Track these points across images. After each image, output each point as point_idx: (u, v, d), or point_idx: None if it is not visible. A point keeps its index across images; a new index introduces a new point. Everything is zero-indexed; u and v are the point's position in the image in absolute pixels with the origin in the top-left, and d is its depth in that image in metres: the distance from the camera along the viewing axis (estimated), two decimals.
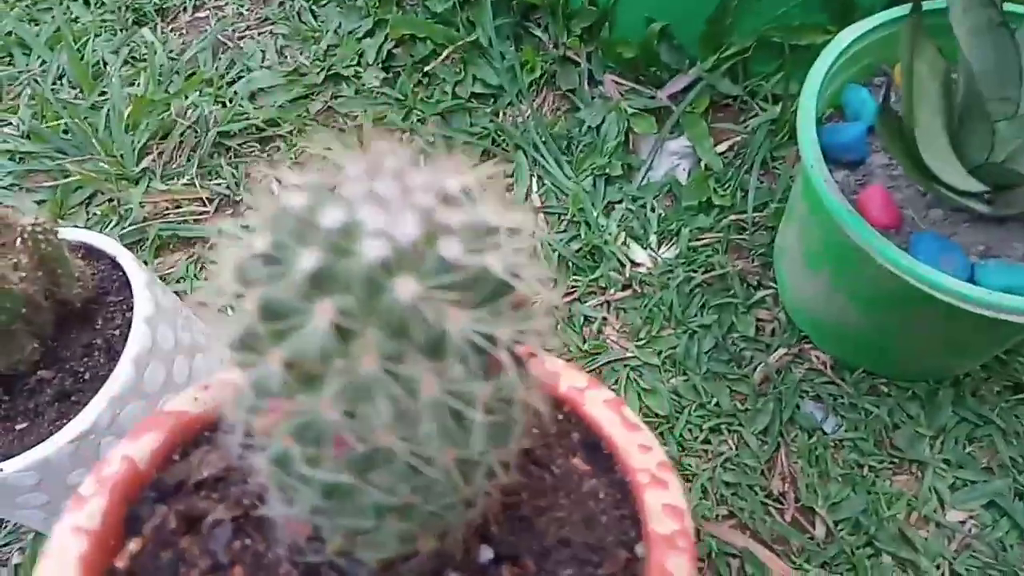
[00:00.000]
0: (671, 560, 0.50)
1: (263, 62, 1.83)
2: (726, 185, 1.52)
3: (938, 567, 1.14)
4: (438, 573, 0.48)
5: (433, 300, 0.31)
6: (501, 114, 1.67)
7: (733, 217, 1.48)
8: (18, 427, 1.01)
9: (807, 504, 1.21)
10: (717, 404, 1.30)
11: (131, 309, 1.09)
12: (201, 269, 1.58)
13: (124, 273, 1.14)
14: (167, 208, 1.66)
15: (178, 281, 1.55)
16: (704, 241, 1.46)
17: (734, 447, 1.27)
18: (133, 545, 0.52)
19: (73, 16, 1.95)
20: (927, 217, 1.07)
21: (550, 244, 1.47)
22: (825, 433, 1.27)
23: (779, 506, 1.21)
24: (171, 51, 1.87)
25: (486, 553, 0.50)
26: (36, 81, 1.82)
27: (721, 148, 1.57)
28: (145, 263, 1.54)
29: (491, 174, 0.35)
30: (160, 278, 1.53)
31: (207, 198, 1.67)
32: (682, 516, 0.53)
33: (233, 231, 0.35)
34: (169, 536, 0.52)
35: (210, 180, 1.69)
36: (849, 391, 1.29)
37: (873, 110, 1.13)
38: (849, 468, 1.23)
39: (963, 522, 1.18)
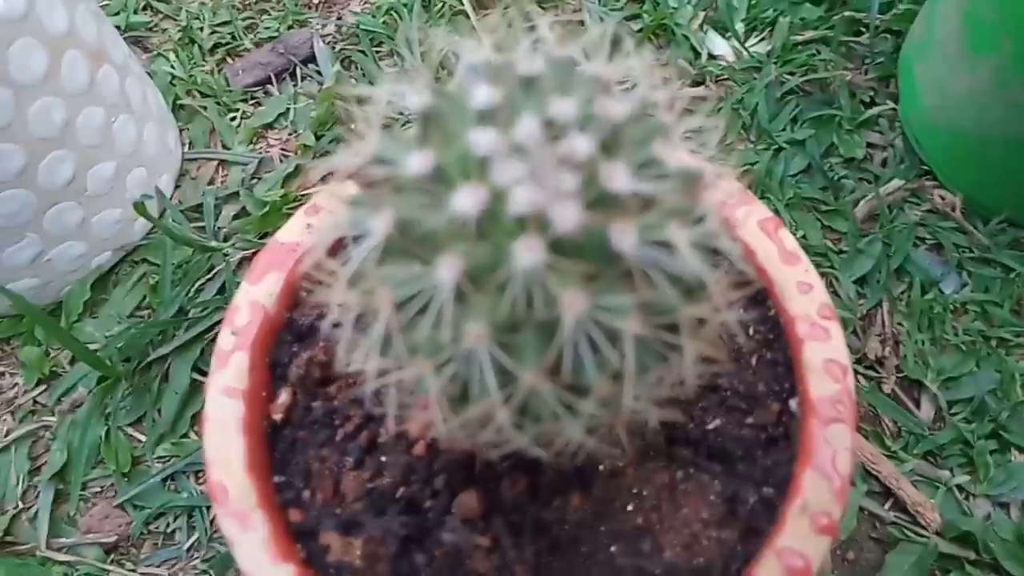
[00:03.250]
0: (831, 429, 0.48)
1: None
2: None
3: None
4: None
5: None
6: None
7: (848, 14, 1.16)
8: None
9: (912, 376, 0.93)
10: (804, 238, 1.01)
11: None
12: (145, 7, 1.27)
13: None
14: None
15: (112, 14, 1.24)
16: (807, 37, 1.15)
17: None
18: (284, 396, 0.53)
19: None
20: None
21: (601, 20, 1.16)
22: (943, 292, 0.98)
23: (875, 375, 0.94)
24: None
25: None
26: None
27: None
28: None
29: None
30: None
31: None
32: (845, 374, 0.50)
33: None
34: (314, 386, 0.53)
35: None
36: (982, 242, 1.00)
37: None
38: (973, 338, 0.95)
39: None
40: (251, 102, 1.16)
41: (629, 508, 0.50)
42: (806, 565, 0.44)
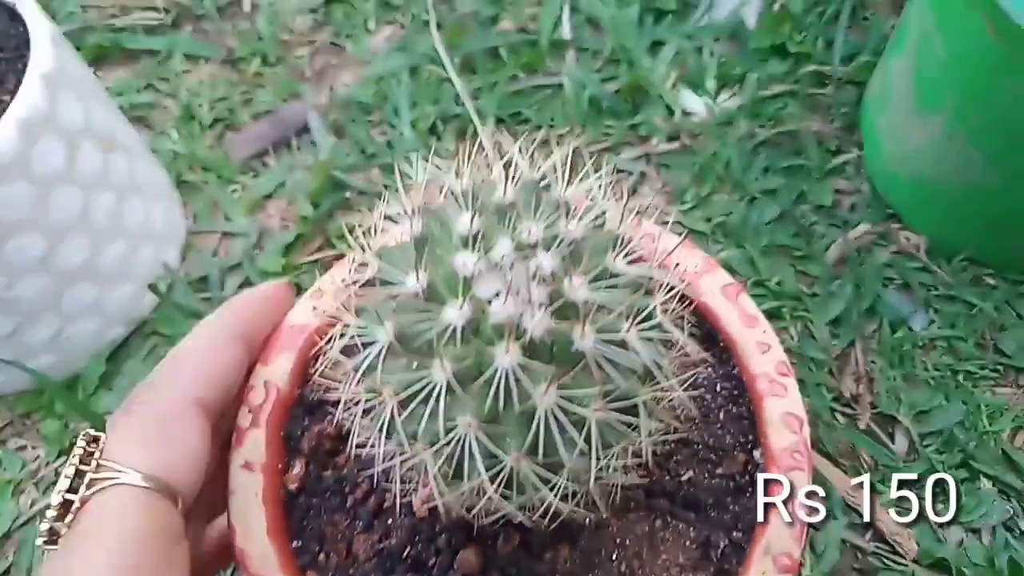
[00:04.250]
0: (790, 477, 0.53)
1: None
2: (805, 32, 1.29)
3: None
4: None
5: None
6: None
7: (812, 68, 1.25)
8: None
9: (886, 411, 1.00)
10: (779, 284, 1.09)
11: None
12: (147, 87, 1.35)
13: (25, 28, 0.92)
14: (113, 13, 1.43)
15: (116, 95, 1.32)
16: (775, 91, 1.24)
17: (796, 337, 1.06)
18: (298, 467, 0.59)
19: None
20: None
21: (580, 82, 1.25)
22: (912, 329, 1.06)
23: (851, 412, 1.01)
24: None
25: None
26: None
27: None
28: None
29: None
30: None
31: (164, 7, 1.43)
32: (801, 426, 0.55)
33: None
34: (325, 457, 0.59)
35: None
36: (947, 280, 1.08)
37: None
38: (941, 373, 1.02)
39: None
40: (250, 174, 1.24)
41: (614, 557, 0.56)
42: None
